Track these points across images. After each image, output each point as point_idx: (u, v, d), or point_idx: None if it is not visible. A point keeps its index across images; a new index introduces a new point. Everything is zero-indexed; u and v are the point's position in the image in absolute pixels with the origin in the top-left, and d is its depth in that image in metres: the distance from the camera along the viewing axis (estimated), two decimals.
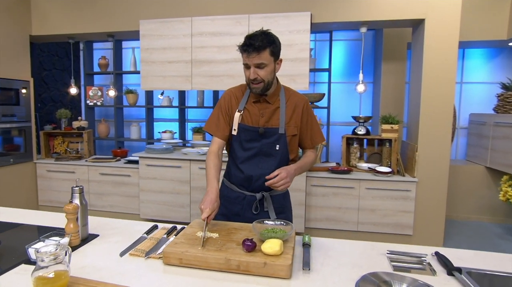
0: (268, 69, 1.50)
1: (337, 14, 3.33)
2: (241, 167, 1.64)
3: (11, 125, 3.67)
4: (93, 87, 4.53)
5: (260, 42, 1.45)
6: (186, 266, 1.17)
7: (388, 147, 3.56)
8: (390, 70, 4.19)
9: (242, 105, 1.63)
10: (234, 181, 1.69)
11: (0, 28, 3.57)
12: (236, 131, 1.63)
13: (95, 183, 3.85)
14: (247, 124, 1.61)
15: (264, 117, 1.60)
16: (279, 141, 1.59)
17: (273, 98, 1.62)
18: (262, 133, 1.58)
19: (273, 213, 1.65)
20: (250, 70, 1.50)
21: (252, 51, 1.46)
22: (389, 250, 1.25)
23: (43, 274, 0.97)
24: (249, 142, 1.62)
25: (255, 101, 1.62)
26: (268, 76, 1.52)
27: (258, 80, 1.51)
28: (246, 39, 1.48)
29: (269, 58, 1.49)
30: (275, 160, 1.61)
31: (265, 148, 1.60)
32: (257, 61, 1.47)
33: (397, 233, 3.34)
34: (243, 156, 1.63)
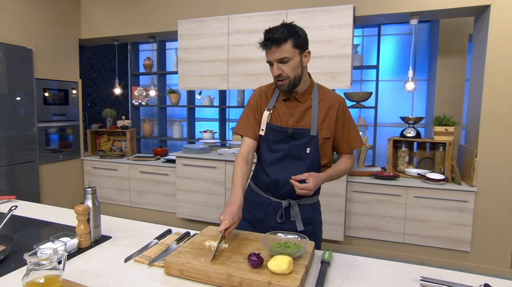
0: (292, 63, 1.36)
1: (383, 6, 3.04)
2: (268, 170, 1.50)
3: (61, 124, 3.92)
4: (138, 87, 4.69)
5: (280, 34, 1.32)
6: (187, 278, 1.07)
7: (441, 151, 3.19)
8: (447, 65, 3.76)
9: (272, 104, 1.51)
10: (260, 185, 1.56)
11: (53, 33, 3.82)
12: (264, 131, 1.50)
13: (136, 180, 3.96)
14: (276, 124, 1.48)
15: (294, 117, 1.46)
16: (310, 143, 1.44)
17: (304, 96, 1.47)
18: (291, 134, 1.45)
19: (301, 224, 1.48)
20: (274, 67, 1.38)
21: (271, 45, 1.33)
22: (423, 277, 1.03)
23: (34, 279, 0.93)
24: (277, 144, 1.48)
25: (285, 99, 1.49)
26: (293, 71, 1.37)
27: (282, 77, 1.37)
28: (265, 33, 1.35)
29: (291, 50, 1.34)
30: (305, 164, 1.45)
31: (294, 151, 1.46)
32: (279, 56, 1.34)
33: (451, 249, 2.97)
34: (270, 158, 1.50)
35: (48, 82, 3.73)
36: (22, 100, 3.45)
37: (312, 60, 3.17)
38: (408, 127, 3.32)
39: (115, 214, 1.71)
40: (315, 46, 3.19)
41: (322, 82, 3.17)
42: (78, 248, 1.29)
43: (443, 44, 3.75)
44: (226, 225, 1.21)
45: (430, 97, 4.05)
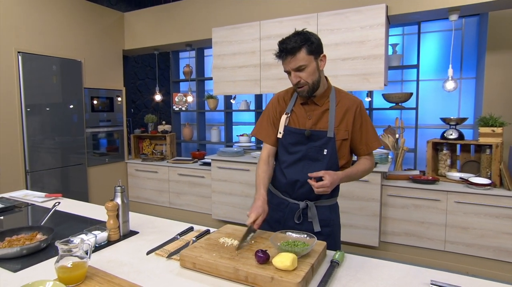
0: (309, 70, 1.40)
1: (419, 2, 2.93)
2: (285, 171, 1.54)
3: (107, 129, 4.25)
4: (178, 94, 4.92)
5: (294, 43, 1.36)
6: (200, 271, 1.13)
7: (488, 154, 2.97)
8: (497, 62, 3.49)
9: (290, 108, 1.55)
10: (278, 186, 1.60)
11: (99, 45, 4.17)
12: (281, 134, 1.55)
13: (174, 182, 4.16)
14: (293, 127, 1.52)
15: (312, 120, 1.50)
16: (327, 145, 1.46)
17: (322, 99, 1.50)
18: (308, 136, 1.48)
19: (318, 225, 1.50)
20: (292, 76, 1.43)
21: (286, 55, 1.38)
22: (433, 280, 0.99)
23: (64, 264, 1.05)
24: (294, 146, 1.52)
25: (302, 103, 1.53)
26: (311, 76, 1.41)
27: (301, 84, 1.42)
28: (279, 45, 1.40)
29: (306, 57, 1.38)
30: (322, 165, 1.47)
31: (312, 152, 1.49)
32: (294, 65, 1.39)
33: (501, 260, 2.74)
34: (288, 160, 1.54)
35: (96, 90, 4.08)
36: (73, 108, 3.81)
37: (343, 62, 3.17)
38: (449, 129, 3.14)
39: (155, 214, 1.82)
40: (347, 47, 3.14)
41: (354, 83, 3.15)
42: (108, 240, 1.41)
43: (492, 38, 3.49)
44: (253, 218, 1.32)
45: (478, 96, 3.78)
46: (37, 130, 3.46)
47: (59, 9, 3.69)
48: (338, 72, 3.20)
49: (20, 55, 3.30)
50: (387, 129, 3.81)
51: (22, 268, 1.18)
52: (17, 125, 3.32)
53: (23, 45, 3.36)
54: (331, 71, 3.22)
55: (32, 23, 3.44)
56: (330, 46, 3.21)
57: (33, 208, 1.96)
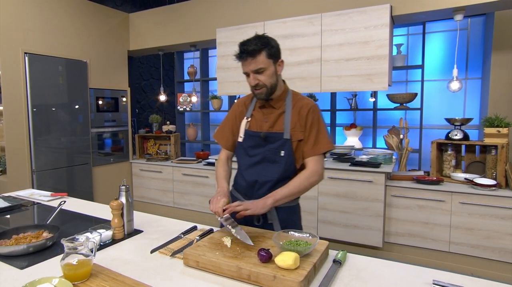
0: (268, 73, 1.44)
1: (423, 3, 2.92)
2: (245, 174, 1.59)
3: (112, 129, 4.29)
4: (183, 94, 4.95)
5: (254, 46, 1.40)
6: (203, 269, 1.14)
7: (493, 155, 2.95)
8: (503, 61, 3.46)
9: (250, 112, 1.61)
10: (239, 189, 1.65)
11: (104, 46, 4.21)
12: (242, 137, 1.60)
13: (179, 182, 4.18)
14: (252, 130, 1.58)
15: (268, 122, 1.54)
16: (283, 146, 1.50)
17: (278, 103, 1.55)
18: (264, 138, 1.52)
19: (278, 226, 1.52)
20: (250, 77, 1.45)
21: (247, 57, 1.41)
22: (435, 280, 1.00)
23: (69, 261, 1.06)
24: (253, 149, 1.57)
25: (261, 106, 1.58)
26: (269, 79, 1.45)
27: (259, 86, 1.46)
28: (240, 46, 1.44)
29: (266, 61, 1.42)
30: (280, 166, 1.51)
31: (270, 154, 1.53)
32: (254, 67, 1.42)
33: (505, 261, 2.72)
34: (247, 163, 1.59)
35: (101, 91, 4.12)
36: (79, 108, 3.84)
37: (347, 62, 3.17)
38: (454, 129, 3.12)
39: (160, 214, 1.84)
40: (351, 48, 3.14)
41: (358, 84, 3.14)
42: (112, 239, 1.43)
43: (497, 38, 3.47)
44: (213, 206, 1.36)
45: (484, 96, 3.76)
46: (43, 130, 3.49)
47: (65, 11, 3.73)
48: (342, 73, 3.20)
49: (26, 56, 3.34)
50: (391, 129, 3.80)
51: (28, 265, 1.20)
52: (24, 125, 3.36)
53: (29, 46, 3.40)
54: (335, 72, 3.23)
55: (39, 25, 3.49)
56: (333, 47, 3.21)
57: (39, 207, 1.99)
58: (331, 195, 3.25)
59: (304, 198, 3.35)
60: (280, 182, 1.50)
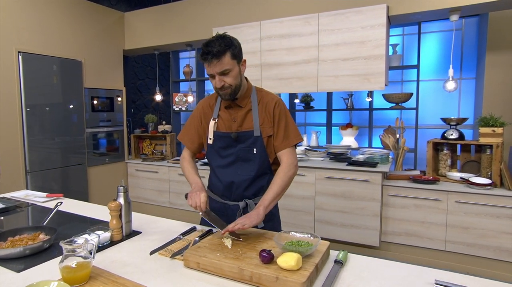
0: (233, 74, 1.43)
1: (419, 3, 2.93)
2: (220, 175, 1.59)
3: (107, 129, 4.25)
4: (178, 94, 4.92)
5: (218, 47, 1.37)
6: (204, 271, 1.13)
7: (488, 154, 2.98)
8: (497, 62, 3.50)
9: (216, 113, 1.58)
10: (216, 191, 1.65)
11: (99, 45, 4.17)
12: (211, 139, 1.58)
13: (175, 182, 4.15)
14: (221, 131, 1.56)
15: (237, 122, 1.53)
16: (255, 144, 1.51)
17: (244, 101, 1.54)
18: (235, 138, 1.52)
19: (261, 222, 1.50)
20: (216, 79, 1.43)
21: (211, 58, 1.38)
22: (437, 280, 1.00)
23: (68, 264, 1.04)
24: (225, 149, 1.56)
25: (226, 106, 1.56)
26: (234, 80, 1.44)
27: (225, 87, 1.44)
28: (203, 47, 1.40)
29: (231, 62, 1.41)
30: (254, 164, 1.53)
31: (242, 153, 1.53)
32: (220, 69, 1.39)
33: (502, 260, 2.75)
34: (221, 164, 1.58)
35: (96, 90, 4.07)
36: (74, 108, 3.80)
37: (344, 62, 3.17)
38: (450, 129, 3.15)
39: (156, 214, 1.83)
40: (348, 47, 3.15)
41: (355, 83, 3.15)
42: (111, 240, 1.41)
43: (492, 39, 3.50)
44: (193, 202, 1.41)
45: (478, 96, 3.79)
46: (37, 130, 3.45)
47: (60, 9, 3.68)
48: (338, 73, 3.20)
49: (20, 55, 3.30)
50: (387, 129, 3.81)
51: (25, 268, 1.17)
52: (17, 125, 3.31)
53: (23, 45, 3.36)
54: (332, 71, 3.23)
55: (33, 23, 3.44)
56: (330, 46, 3.22)
57: (34, 208, 1.96)
58: (328, 194, 3.25)
59: (300, 198, 3.36)
60: (256, 179, 1.53)
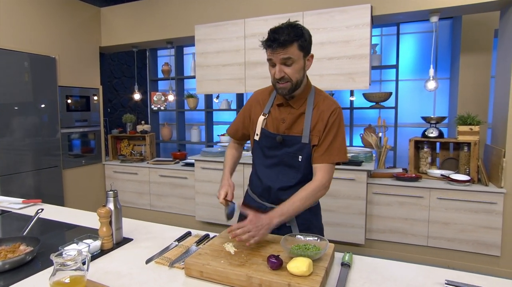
0: (296, 66, 1.29)
1: (402, 4, 2.99)
2: (261, 176, 1.49)
3: (83, 130, 4.04)
4: (157, 93, 4.77)
5: (287, 36, 1.24)
6: (207, 279, 1.07)
7: (466, 151, 3.08)
8: (470, 63, 3.64)
9: (267, 109, 1.46)
10: (255, 190, 1.54)
11: (75, 41, 3.96)
12: (258, 136, 1.47)
13: (155, 184, 4.02)
14: (268, 130, 1.44)
15: (286, 123, 1.40)
16: (301, 151, 1.38)
17: (299, 102, 1.40)
18: (280, 141, 1.40)
19: (296, 229, 1.43)
20: (276, 68, 1.30)
21: (277, 46, 1.26)
22: (447, 280, 1.00)
23: (60, 279, 0.95)
24: (270, 150, 1.45)
25: (279, 103, 1.43)
26: (297, 74, 1.31)
27: (285, 79, 1.30)
28: (270, 34, 1.28)
29: (297, 53, 1.28)
30: (298, 172, 1.40)
31: (287, 158, 1.41)
32: (283, 55, 1.26)
33: (479, 253, 2.85)
34: (264, 164, 1.48)
35: (71, 89, 3.86)
36: (46, 107, 3.57)
37: (329, 61, 3.18)
38: (430, 127, 3.23)
39: (136, 217, 1.74)
40: (332, 47, 3.16)
41: (340, 83, 3.16)
42: (101, 249, 1.32)
43: (465, 41, 3.63)
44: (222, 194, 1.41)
45: (453, 96, 3.93)
46: (5, 131, 3.21)
47: (31, 2, 3.45)
48: (324, 71, 3.21)
49: None
50: (367, 128, 3.87)
51: (5, 285, 1.05)
52: None
53: None
54: (317, 70, 3.23)
55: (1, 16, 3.20)
56: (315, 45, 3.18)
57: (9, 216, 1.80)
58: None
59: None
60: (297, 187, 1.37)
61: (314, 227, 1.49)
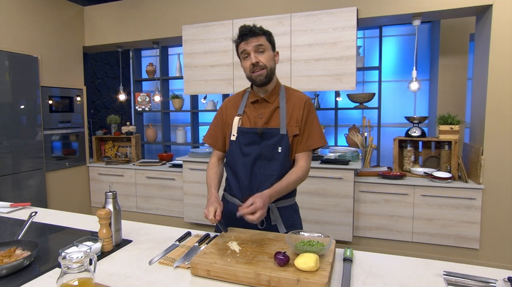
0: (268, 54, 1.43)
1: (386, 7, 3.08)
2: (241, 175, 1.50)
3: (66, 131, 3.93)
4: (141, 93, 4.71)
5: (256, 28, 1.42)
6: (214, 278, 1.08)
7: (447, 150, 3.22)
8: (448, 65, 3.80)
9: (241, 109, 1.54)
10: (236, 193, 1.54)
11: (57, 41, 3.85)
12: (235, 136, 1.52)
13: (142, 186, 3.97)
14: (246, 127, 1.51)
15: (263, 118, 1.48)
16: (280, 142, 1.46)
17: (272, 97, 1.50)
18: (261, 134, 1.46)
19: (282, 227, 1.48)
20: (251, 55, 1.41)
21: (250, 35, 1.40)
22: (446, 271, 1.05)
23: (68, 282, 0.94)
24: (248, 146, 1.49)
25: (253, 101, 1.52)
26: (269, 61, 1.43)
27: (260, 66, 1.41)
28: (241, 28, 1.43)
29: (267, 43, 1.43)
30: (277, 163, 1.46)
31: (266, 151, 1.47)
32: (256, 43, 1.40)
33: (460, 246, 2.98)
34: (243, 162, 1.50)
35: (53, 89, 3.75)
36: (28, 108, 3.46)
37: (317, 62, 3.24)
38: (413, 127, 3.35)
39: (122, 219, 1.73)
40: (320, 48, 3.22)
41: (328, 83, 3.23)
42: (101, 252, 1.30)
43: (443, 44, 3.79)
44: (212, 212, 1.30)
45: (432, 96, 4.08)
46: None
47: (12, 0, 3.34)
48: (311, 72, 3.27)
49: None
50: (351, 128, 3.97)
51: None
52: None
53: None
54: (305, 72, 3.28)
55: None
56: (303, 47, 3.27)
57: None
58: (302, 192, 3.30)
59: None
60: (278, 180, 1.43)
61: (297, 223, 1.58)
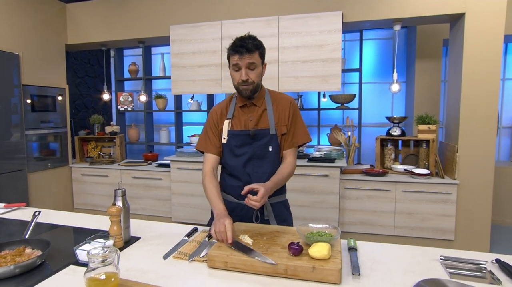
0: (257, 71, 1.52)
1: (369, 12, 3.24)
2: (236, 174, 1.60)
3: (48, 131, 3.81)
4: (123, 93, 4.64)
5: (252, 43, 1.46)
6: (232, 269, 1.14)
7: (425, 148, 3.42)
8: (424, 68, 4.03)
9: (231, 113, 1.62)
10: (231, 191, 1.64)
11: (39, 38, 3.73)
12: (226, 139, 1.60)
13: (128, 186, 3.92)
14: (237, 129, 1.59)
15: (253, 120, 1.59)
16: (271, 142, 1.57)
17: (259, 100, 1.61)
18: (253, 135, 1.56)
19: (274, 221, 1.61)
20: (242, 71, 1.49)
21: (245, 52, 1.45)
22: (442, 256, 1.17)
23: (95, 276, 0.97)
24: (240, 148, 1.59)
25: (242, 105, 1.61)
26: (258, 77, 1.53)
27: (248, 82, 1.50)
28: (238, 41, 1.48)
29: (258, 60, 1.51)
30: (269, 162, 1.58)
31: (259, 151, 1.58)
32: (249, 60, 1.47)
33: (437, 238, 3.18)
34: (236, 163, 1.59)
35: (35, 88, 3.63)
36: (8, 107, 3.34)
37: (304, 64, 3.35)
38: (393, 126, 3.53)
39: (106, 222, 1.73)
40: (307, 50, 3.33)
41: (314, 84, 3.35)
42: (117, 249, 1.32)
43: (420, 48, 4.02)
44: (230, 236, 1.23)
45: (409, 98, 4.30)
46: None
47: None
48: (298, 74, 3.37)
49: None
50: (334, 127, 4.11)
51: None
52: None
53: None
54: (292, 73, 3.38)
55: None
56: (290, 49, 3.36)
57: None
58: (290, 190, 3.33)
59: None
60: (271, 176, 1.53)
61: (288, 218, 1.69)
